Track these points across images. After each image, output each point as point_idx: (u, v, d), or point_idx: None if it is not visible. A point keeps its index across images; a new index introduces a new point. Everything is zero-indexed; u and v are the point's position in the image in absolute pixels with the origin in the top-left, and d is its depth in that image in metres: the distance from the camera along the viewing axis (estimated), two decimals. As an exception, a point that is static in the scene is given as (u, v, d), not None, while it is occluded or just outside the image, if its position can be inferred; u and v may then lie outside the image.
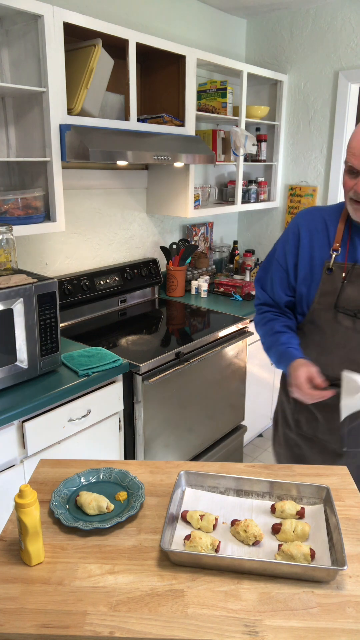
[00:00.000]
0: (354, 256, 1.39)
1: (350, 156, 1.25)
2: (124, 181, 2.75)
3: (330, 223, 1.44)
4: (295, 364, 1.36)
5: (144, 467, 1.27)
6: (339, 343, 1.41)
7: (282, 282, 1.51)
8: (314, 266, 1.44)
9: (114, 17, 2.46)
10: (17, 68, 1.98)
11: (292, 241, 1.48)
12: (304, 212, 1.50)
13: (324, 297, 1.41)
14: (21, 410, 1.66)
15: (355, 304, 1.37)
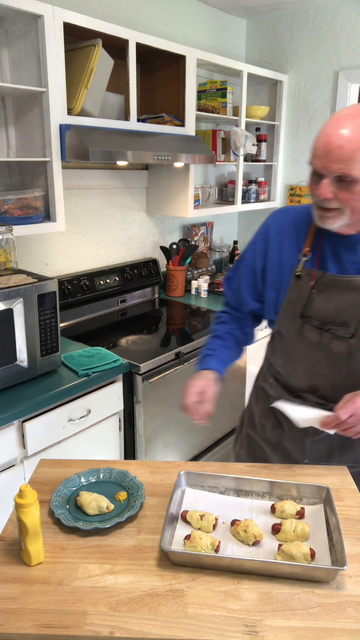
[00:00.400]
0: (324, 263, 1.29)
1: (314, 158, 1.14)
2: (124, 181, 2.75)
3: (301, 226, 1.34)
4: (201, 374, 1.33)
5: (144, 467, 1.27)
6: (303, 354, 1.33)
7: (249, 285, 1.43)
8: (283, 270, 1.35)
9: (114, 17, 2.46)
10: (17, 68, 1.98)
11: (261, 243, 1.39)
12: (276, 212, 1.42)
13: (291, 304, 1.33)
14: (21, 410, 1.66)
15: (322, 315, 1.29)
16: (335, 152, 1.08)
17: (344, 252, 1.26)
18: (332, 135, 1.09)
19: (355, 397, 1.19)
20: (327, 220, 1.17)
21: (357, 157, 1.07)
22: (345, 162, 1.07)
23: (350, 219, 1.16)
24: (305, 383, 1.35)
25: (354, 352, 1.27)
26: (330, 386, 1.32)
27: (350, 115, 1.09)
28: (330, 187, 1.11)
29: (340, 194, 1.12)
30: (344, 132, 1.07)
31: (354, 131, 1.07)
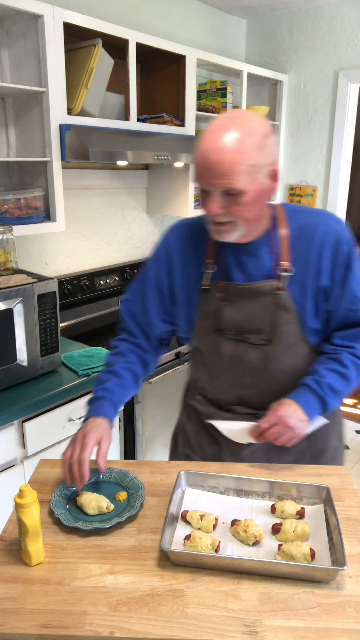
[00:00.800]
0: (229, 273, 1.26)
1: (197, 176, 1.11)
2: (124, 181, 2.75)
3: (200, 238, 1.29)
4: (95, 422, 1.18)
5: (144, 467, 1.27)
6: (225, 367, 1.30)
7: (157, 305, 1.34)
8: (190, 286, 1.30)
9: (114, 17, 2.46)
10: (17, 68, 1.98)
11: (163, 259, 1.32)
12: (174, 226, 1.36)
13: (204, 319, 1.29)
14: (21, 410, 1.66)
15: (235, 325, 1.26)
16: (215, 169, 1.05)
17: (246, 259, 1.24)
18: (209, 151, 1.05)
19: (278, 406, 1.20)
20: (223, 234, 1.16)
21: (238, 169, 1.04)
22: (227, 176, 1.05)
23: (245, 229, 1.15)
24: (232, 395, 1.33)
25: (272, 358, 1.26)
26: (257, 395, 1.30)
27: (224, 127, 1.06)
28: (219, 202, 1.09)
29: (230, 208, 1.10)
30: (220, 146, 1.04)
31: (229, 143, 1.04)
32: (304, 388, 1.24)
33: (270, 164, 1.10)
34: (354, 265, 1.23)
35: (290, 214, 1.25)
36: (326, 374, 1.23)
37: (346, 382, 1.25)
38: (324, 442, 1.41)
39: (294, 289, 1.22)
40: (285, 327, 1.24)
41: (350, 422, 3.58)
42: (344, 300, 1.24)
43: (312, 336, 1.27)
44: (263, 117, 1.12)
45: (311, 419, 1.22)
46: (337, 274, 1.22)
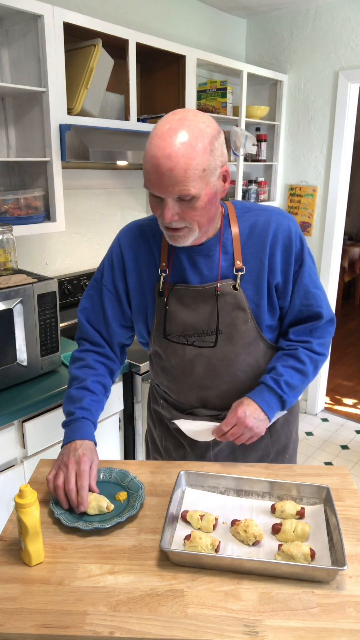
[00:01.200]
0: (182, 275, 1.24)
1: (148, 183, 1.06)
2: (124, 181, 2.75)
3: (152, 240, 1.27)
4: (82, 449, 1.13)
5: (144, 467, 1.27)
6: (185, 370, 1.29)
7: (116, 312, 1.32)
8: (145, 291, 1.28)
9: (114, 17, 2.46)
10: (17, 68, 1.98)
11: (117, 264, 1.30)
12: (124, 230, 1.32)
13: (159, 324, 1.27)
14: (21, 410, 1.66)
15: (193, 328, 1.24)
16: (168, 176, 1.01)
17: (200, 260, 1.23)
18: (160, 158, 1.01)
19: (238, 407, 1.20)
20: (178, 240, 1.14)
21: (190, 175, 1.02)
22: (180, 183, 1.02)
23: (200, 232, 1.14)
24: (194, 398, 1.33)
25: (231, 358, 1.26)
26: (218, 396, 1.30)
27: (172, 130, 1.01)
28: (174, 209, 1.07)
29: (185, 213, 1.08)
30: (171, 152, 1.00)
31: (179, 148, 1.00)
32: (263, 387, 1.25)
33: (221, 165, 1.10)
34: (306, 260, 1.24)
35: (241, 212, 1.25)
36: (284, 372, 1.24)
37: (303, 378, 1.27)
38: (286, 437, 1.43)
39: (248, 288, 1.23)
40: (242, 327, 1.24)
41: (351, 422, 3.58)
42: (297, 295, 1.25)
43: (267, 333, 1.28)
44: (210, 117, 1.09)
45: (270, 418, 1.23)
46: (289, 271, 1.23)
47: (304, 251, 1.25)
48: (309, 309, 1.27)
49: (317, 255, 3.41)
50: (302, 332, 1.29)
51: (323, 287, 1.31)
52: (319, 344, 1.29)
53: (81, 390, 1.26)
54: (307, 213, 3.37)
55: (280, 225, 1.22)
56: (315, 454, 3.21)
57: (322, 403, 3.72)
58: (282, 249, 1.21)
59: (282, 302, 1.26)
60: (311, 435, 3.41)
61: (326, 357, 1.32)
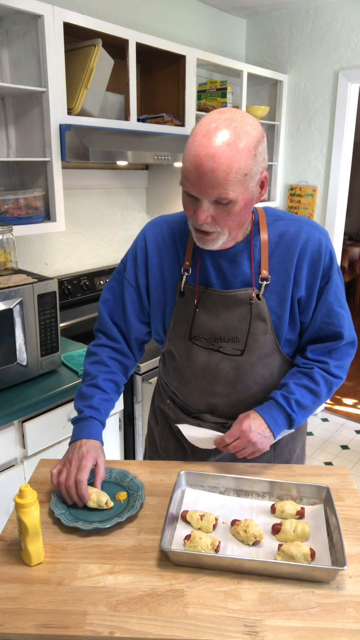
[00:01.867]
0: (205, 277, 1.21)
1: (186, 182, 1.02)
2: (124, 181, 2.75)
3: (179, 238, 1.24)
4: (87, 447, 1.14)
5: (144, 467, 1.27)
6: (197, 374, 1.26)
7: (135, 306, 1.29)
8: (166, 288, 1.26)
9: (114, 17, 2.46)
10: (17, 68, 1.98)
11: (140, 258, 1.27)
12: (151, 224, 1.30)
13: (178, 324, 1.25)
14: (21, 410, 1.66)
15: (210, 333, 1.22)
16: (209, 177, 0.98)
17: (225, 264, 1.20)
18: (203, 158, 0.98)
19: (243, 420, 1.18)
20: (207, 243, 1.11)
21: (232, 178, 0.99)
22: (220, 186, 0.99)
23: (229, 237, 1.11)
24: (202, 403, 1.30)
25: (246, 368, 1.23)
26: (227, 404, 1.28)
27: (218, 129, 0.98)
28: (208, 211, 1.04)
29: (218, 217, 1.05)
30: (215, 153, 0.97)
31: (224, 150, 0.97)
32: (272, 403, 1.22)
33: (261, 171, 1.06)
34: (334, 277, 1.20)
35: (272, 219, 1.22)
36: (296, 390, 1.21)
37: (315, 399, 1.24)
38: (289, 452, 1.39)
39: (271, 299, 1.19)
40: (260, 337, 1.21)
41: (351, 422, 3.58)
42: (319, 312, 1.21)
43: (285, 347, 1.25)
44: (256, 120, 1.06)
45: (275, 436, 1.20)
46: (315, 286, 1.19)
47: (333, 267, 1.20)
48: (330, 328, 1.23)
49: (317, 255, 3.41)
50: (321, 351, 1.24)
51: (348, 308, 1.26)
52: (336, 366, 1.24)
53: (92, 388, 1.26)
54: (307, 213, 3.37)
55: (311, 238, 1.18)
56: (315, 454, 3.21)
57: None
58: (310, 262, 1.17)
59: (304, 317, 1.22)
60: (311, 435, 3.41)
61: (342, 381, 1.27)
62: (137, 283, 1.29)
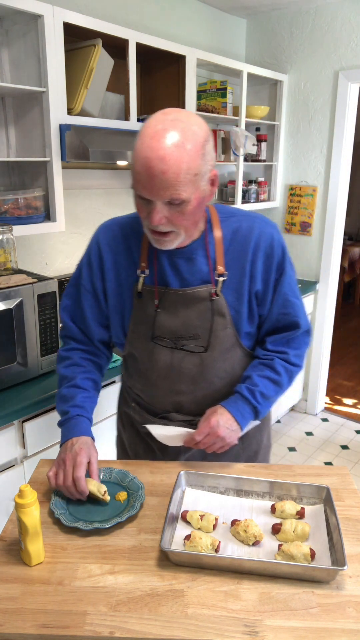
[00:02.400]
0: (163, 277, 1.22)
1: (138, 185, 1.03)
2: (124, 181, 2.75)
3: (132, 239, 1.24)
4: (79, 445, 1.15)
5: (144, 467, 1.27)
6: (161, 374, 1.27)
7: (94, 311, 1.30)
8: (123, 290, 1.25)
9: (114, 17, 2.46)
10: (17, 68, 1.98)
11: (95, 263, 1.27)
12: (103, 227, 1.29)
13: (138, 325, 1.25)
14: (21, 410, 1.66)
15: (171, 332, 1.23)
16: (160, 179, 0.99)
17: (182, 263, 1.21)
18: (153, 160, 0.98)
19: (211, 416, 1.20)
20: (164, 244, 1.12)
21: (182, 179, 0.99)
22: (172, 187, 1.00)
23: (185, 236, 1.12)
24: (168, 402, 1.31)
25: (208, 364, 1.25)
26: (192, 401, 1.29)
27: (166, 130, 0.99)
28: (162, 213, 1.04)
29: (173, 218, 1.06)
30: (164, 155, 0.98)
31: (173, 151, 0.98)
32: (237, 396, 1.24)
33: (210, 169, 1.07)
34: (287, 269, 1.23)
35: (224, 216, 1.23)
36: (259, 382, 1.24)
37: (278, 389, 1.27)
38: (257, 443, 1.42)
39: (228, 294, 1.21)
40: (221, 333, 1.23)
41: (351, 422, 3.58)
42: (276, 304, 1.25)
43: (245, 340, 1.27)
44: (201, 119, 1.07)
45: (243, 428, 1.23)
46: (270, 279, 1.22)
47: (285, 260, 1.23)
48: (286, 318, 1.27)
49: (317, 255, 3.41)
50: (280, 342, 1.28)
51: (302, 298, 1.30)
52: (295, 355, 1.29)
53: (72, 389, 1.26)
54: (307, 213, 3.37)
55: (263, 233, 1.21)
56: (315, 454, 3.21)
57: (322, 403, 3.72)
58: (264, 256, 1.21)
59: (261, 310, 1.25)
60: (311, 435, 3.41)
61: (301, 369, 1.32)
62: (93, 288, 1.28)
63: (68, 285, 1.34)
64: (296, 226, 3.44)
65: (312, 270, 3.45)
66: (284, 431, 3.44)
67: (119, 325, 1.29)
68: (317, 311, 3.46)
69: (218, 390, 1.28)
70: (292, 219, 3.46)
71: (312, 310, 3.47)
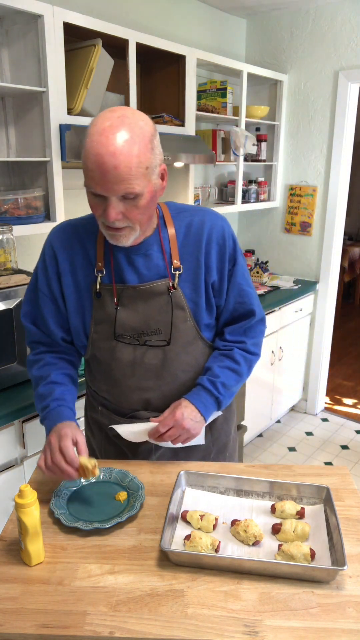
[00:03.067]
0: (120, 275, 1.22)
1: (90, 181, 1.04)
2: (124, 181, 2.75)
3: (87, 239, 1.25)
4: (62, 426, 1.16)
5: (144, 467, 1.27)
6: (126, 372, 1.27)
7: (54, 315, 1.29)
8: (82, 292, 1.25)
9: (114, 17, 2.46)
10: (17, 68, 1.98)
11: (50, 267, 1.26)
12: (56, 229, 1.29)
13: (99, 325, 1.25)
14: (21, 410, 1.66)
15: (133, 329, 1.24)
16: (113, 174, 1.01)
17: (138, 259, 1.22)
18: (105, 156, 0.99)
19: (175, 409, 1.22)
20: (120, 239, 1.13)
21: (135, 172, 1.02)
22: (125, 181, 1.02)
23: (140, 232, 1.14)
24: (135, 401, 1.31)
25: (172, 357, 1.27)
26: (159, 397, 1.30)
27: (114, 127, 1.00)
28: (118, 208, 1.06)
29: (128, 212, 1.07)
30: (115, 150, 0.99)
31: (123, 146, 1.00)
32: (200, 388, 1.27)
33: (159, 163, 1.11)
34: (239, 259, 1.28)
35: (175, 212, 1.26)
36: (220, 373, 1.27)
37: (238, 378, 1.30)
38: (226, 435, 1.45)
39: (186, 287, 1.24)
40: (181, 326, 1.26)
41: (351, 422, 3.58)
42: (232, 294, 1.29)
43: (206, 332, 1.30)
44: (146, 115, 1.09)
45: (206, 419, 1.25)
46: (224, 269, 1.26)
47: (237, 251, 1.28)
48: (242, 307, 1.30)
49: (317, 255, 3.41)
50: (237, 332, 1.32)
51: (254, 287, 1.34)
52: (252, 343, 1.32)
53: (48, 385, 1.27)
54: (307, 213, 3.37)
55: (214, 226, 1.25)
56: (315, 454, 3.21)
57: (322, 403, 3.72)
58: (216, 248, 1.24)
59: (218, 301, 1.29)
60: (311, 435, 3.41)
61: (259, 357, 1.36)
62: (51, 292, 1.28)
63: (27, 290, 1.34)
64: (296, 226, 3.44)
65: (312, 270, 3.45)
66: (284, 431, 3.44)
67: (80, 326, 1.29)
68: (317, 311, 3.46)
69: (183, 383, 1.30)
70: (292, 219, 3.46)
71: (312, 310, 3.47)
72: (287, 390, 3.43)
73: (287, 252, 3.55)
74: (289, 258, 3.55)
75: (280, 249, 3.57)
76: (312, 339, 3.53)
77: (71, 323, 1.30)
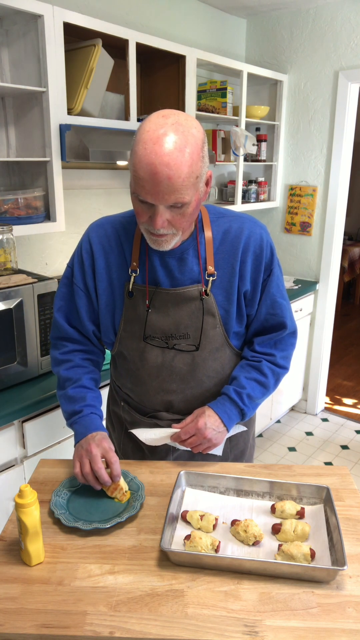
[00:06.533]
0: (155, 277, 1.22)
1: (141, 190, 1.02)
2: (124, 181, 2.75)
3: (124, 238, 1.25)
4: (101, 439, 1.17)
5: (144, 467, 1.27)
6: (151, 373, 1.28)
7: (88, 310, 1.30)
8: (114, 289, 1.26)
9: (114, 17, 2.46)
10: (17, 68, 1.98)
11: (87, 261, 1.27)
12: (94, 226, 1.29)
13: (129, 324, 1.26)
14: (21, 410, 1.66)
15: (162, 332, 1.24)
16: (166, 184, 1.00)
17: (173, 263, 1.22)
18: (158, 166, 0.98)
19: (198, 418, 1.22)
20: (163, 244, 1.13)
21: (186, 183, 1.01)
22: (177, 192, 1.01)
23: (182, 238, 1.15)
24: (157, 402, 1.32)
25: (198, 363, 1.26)
26: (182, 400, 1.30)
27: (167, 135, 0.99)
28: (165, 216, 1.06)
29: (174, 220, 1.07)
30: (169, 161, 0.98)
31: (177, 156, 0.99)
32: (225, 398, 1.26)
33: (207, 171, 1.09)
34: (275, 270, 1.26)
35: (214, 217, 1.25)
36: (247, 384, 1.26)
37: (265, 391, 1.29)
38: (244, 442, 1.44)
39: (218, 294, 1.23)
40: (210, 332, 1.24)
41: (351, 422, 3.58)
42: (264, 304, 1.27)
43: (234, 340, 1.29)
44: (197, 121, 1.07)
45: (229, 430, 1.25)
46: (259, 279, 1.24)
47: (274, 261, 1.26)
48: (274, 319, 1.28)
49: (317, 255, 3.41)
50: (267, 343, 1.30)
51: (288, 299, 1.32)
52: (282, 357, 1.31)
53: (80, 389, 1.27)
54: (307, 213, 3.37)
55: (252, 234, 1.23)
56: (315, 454, 3.21)
57: (322, 403, 3.72)
58: (253, 257, 1.22)
59: (250, 310, 1.27)
60: (311, 435, 3.41)
61: (287, 371, 1.34)
62: (86, 286, 1.29)
63: (60, 285, 1.34)
64: (296, 226, 3.44)
65: (312, 270, 3.45)
66: (284, 431, 3.44)
67: (109, 324, 1.30)
68: (317, 311, 3.46)
69: (207, 389, 1.30)
70: (292, 219, 3.46)
71: (312, 310, 3.47)
72: (287, 390, 3.43)
73: (287, 252, 3.55)
74: (289, 258, 3.55)
75: (280, 249, 3.57)
76: (312, 339, 3.53)
77: (101, 320, 1.31)
